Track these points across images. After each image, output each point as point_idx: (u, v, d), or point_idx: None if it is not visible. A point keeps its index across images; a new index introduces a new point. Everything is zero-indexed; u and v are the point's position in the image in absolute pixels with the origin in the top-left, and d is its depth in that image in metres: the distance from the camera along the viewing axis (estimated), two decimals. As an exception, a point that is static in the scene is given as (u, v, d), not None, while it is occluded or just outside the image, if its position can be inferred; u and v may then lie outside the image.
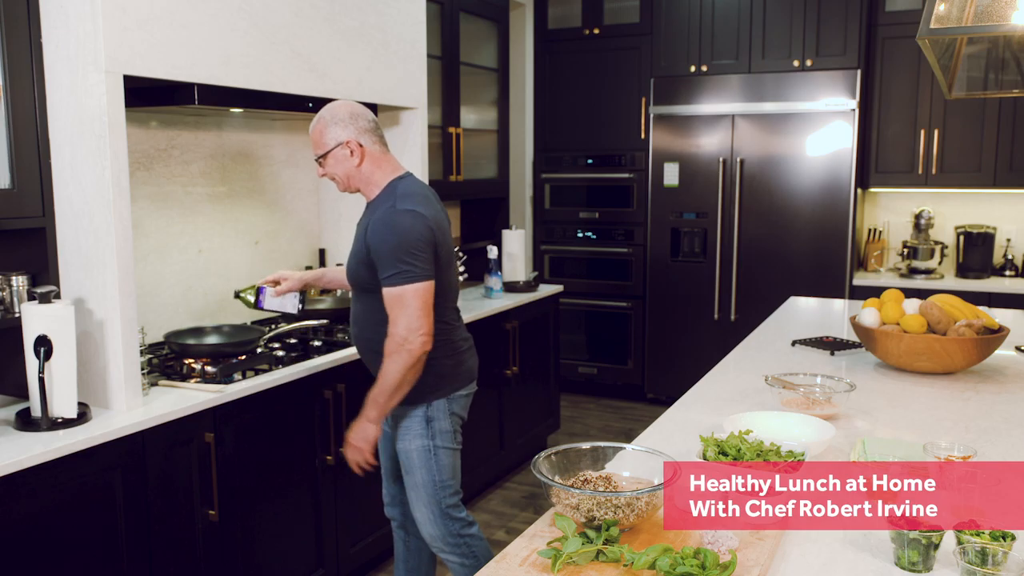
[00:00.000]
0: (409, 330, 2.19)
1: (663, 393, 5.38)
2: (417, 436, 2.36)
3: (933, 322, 2.52)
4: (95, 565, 2.14)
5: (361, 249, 2.27)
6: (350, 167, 2.29)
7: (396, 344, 2.20)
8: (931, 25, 1.78)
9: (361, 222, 2.34)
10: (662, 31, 5.17)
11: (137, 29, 2.27)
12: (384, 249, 2.19)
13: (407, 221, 2.20)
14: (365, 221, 2.31)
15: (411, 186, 2.32)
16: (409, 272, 2.18)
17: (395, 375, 2.22)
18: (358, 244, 2.30)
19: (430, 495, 2.37)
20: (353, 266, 2.33)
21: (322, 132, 2.28)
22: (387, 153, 2.36)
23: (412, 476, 2.38)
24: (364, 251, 2.25)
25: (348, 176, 2.31)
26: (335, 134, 2.28)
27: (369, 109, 3.24)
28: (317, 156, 2.31)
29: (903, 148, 4.87)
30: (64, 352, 2.15)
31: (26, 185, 2.23)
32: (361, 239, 2.28)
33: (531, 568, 1.33)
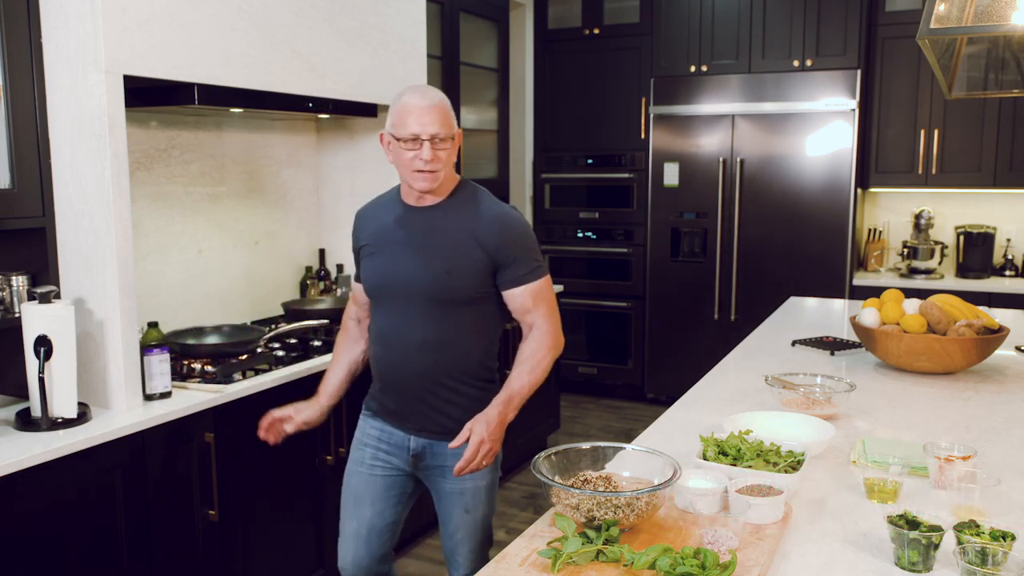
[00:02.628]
0: (558, 326, 2.04)
1: (663, 393, 5.38)
2: (491, 470, 2.10)
3: (933, 322, 2.52)
4: (95, 565, 2.14)
5: (473, 253, 1.96)
6: (450, 161, 2.00)
7: (554, 341, 2.02)
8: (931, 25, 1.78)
9: (432, 226, 2.00)
10: (662, 31, 5.17)
11: (137, 29, 2.27)
12: (523, 245, 1.99)
13: (523, 217, 2.05)
14: (453, 222, 1.99)
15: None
16: (542, 265, 2.03)
17: (544, 374, 2.01)
18: (461, 249, 1.97)
19: (484, 531, 2.13)
20: (452, 277, 1.97)
21: (448, 113, 1.96)
22: None
23: (474, 514, 2.09)
24: (481, 254, 1.96)
25: (445, 172, 1.99)
26: (456, 122, 2.00)
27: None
28: (447, 135, 1.93)
29: (903, 148, 4.87)
30: (64, 352, 2.15)
31: (26, 185, 2.23)
32: (470, 242, 1.96)
33: (531, 568, 1.33)
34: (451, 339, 2.01)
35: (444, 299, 1.99)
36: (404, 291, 2.01)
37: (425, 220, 2.02)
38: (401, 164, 1.96)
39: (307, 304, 3.41)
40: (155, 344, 2.39)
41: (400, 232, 2.04)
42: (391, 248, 2.04)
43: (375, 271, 2.06)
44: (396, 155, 1.97)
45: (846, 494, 1.64)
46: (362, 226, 2.16)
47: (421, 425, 2.06)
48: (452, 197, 2.03)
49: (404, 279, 2.01)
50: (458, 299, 1.98)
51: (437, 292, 1.98)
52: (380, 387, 2.13)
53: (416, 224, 2.03)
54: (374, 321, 2.10)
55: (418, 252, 2.00)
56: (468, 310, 2.01)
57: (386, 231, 2.06)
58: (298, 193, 3.61)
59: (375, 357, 2.11)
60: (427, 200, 2.02)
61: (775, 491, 1.49)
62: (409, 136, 1.91)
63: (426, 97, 1.94)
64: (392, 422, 2.11)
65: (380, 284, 2.05)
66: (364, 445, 2.16)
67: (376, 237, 2.08)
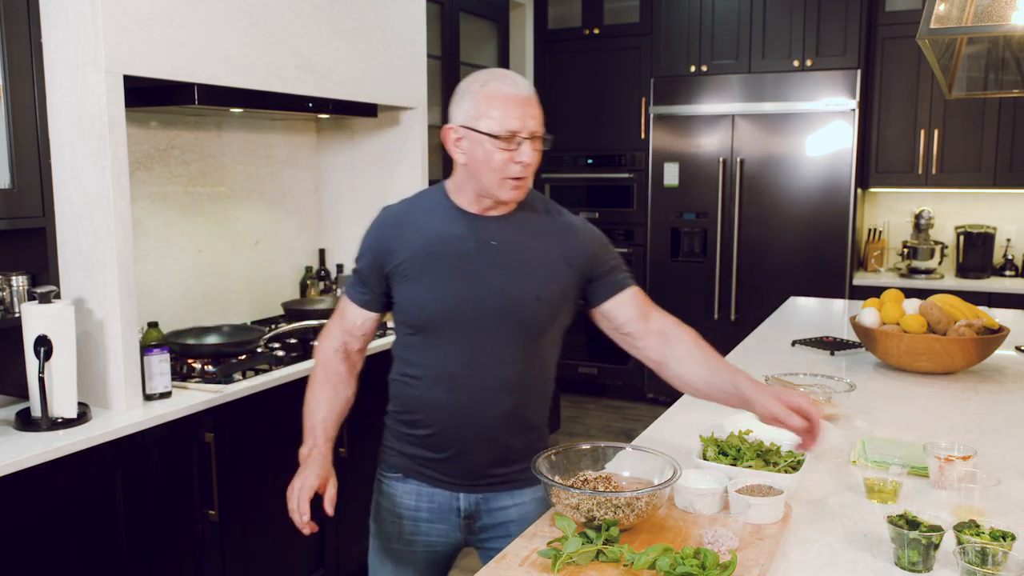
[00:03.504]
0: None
1: (663, 393, 5.38)
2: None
3: (933, 322, 2.52)
4: (95, 565, 2.14)
5: (563, 272, 1.67)
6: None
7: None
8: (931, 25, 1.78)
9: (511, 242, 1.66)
10: (662, 31, 5.17)
11: (137, 29, 2.27)
12: (611, 249, 1.75)
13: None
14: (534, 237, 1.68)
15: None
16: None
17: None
18: (551, 268, 1.66)
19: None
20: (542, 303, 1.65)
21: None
22: None
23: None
24: (573, 273, 1.68)
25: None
26: None
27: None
28: (540, 133, 1.63)
29: (903, 148, 4.87)
30: (64, 352, 2.15)
31: (26, 185, 2.23)
32: (560, 259, 1.67)
33: (531, 568, 1.33)
34: (535, 375, 1.70)
35: (531, 329, 1.65)
36: (479, 322, 1.63)
37: (500, 233, 1.66)
38: (487, 168, 1.59)
39: (307, 304, 3.41)
40: (155, 344, 2.39)
41: (465, 247, 1.64)
42: (455, 268, 1.64)
43: (433, 297, 1.64)
44: (481, 156, 1.58)
45: (846, 494, 1.64)
46: (396, 237, 1.69)
47: (474, 478, 1.71)
48: (524, 206, 1.69)
49: (483, 306, 1.62)
50: (544, 328, 1.67)
51: (524, 321, 1.64)
52: (424, 439, 1.72)
53: (488, 237, 1.65)
54: (426, 359, 1.68)
55: (498, 273, 1.63)
56: (546, 340, 1.70)
57: (442, 245, 1.65)
58: (298, 193, 3.61)
59: (429, 404, 1.68)
60: (500, 209, 1.67)
61: (775, 491, 1.49)
62: (505, 133, 1.56)
63: (520, 85, 1.60)
64: (433, 480, 1.74)
65: (443, 313, 1.63)
66: (397, 517, 1.79)
67: (425, 252, 1.65)
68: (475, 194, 1.65)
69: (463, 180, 1.66)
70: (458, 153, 1.63)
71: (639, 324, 1.73)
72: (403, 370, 1.73)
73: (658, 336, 1.74)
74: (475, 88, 1.60)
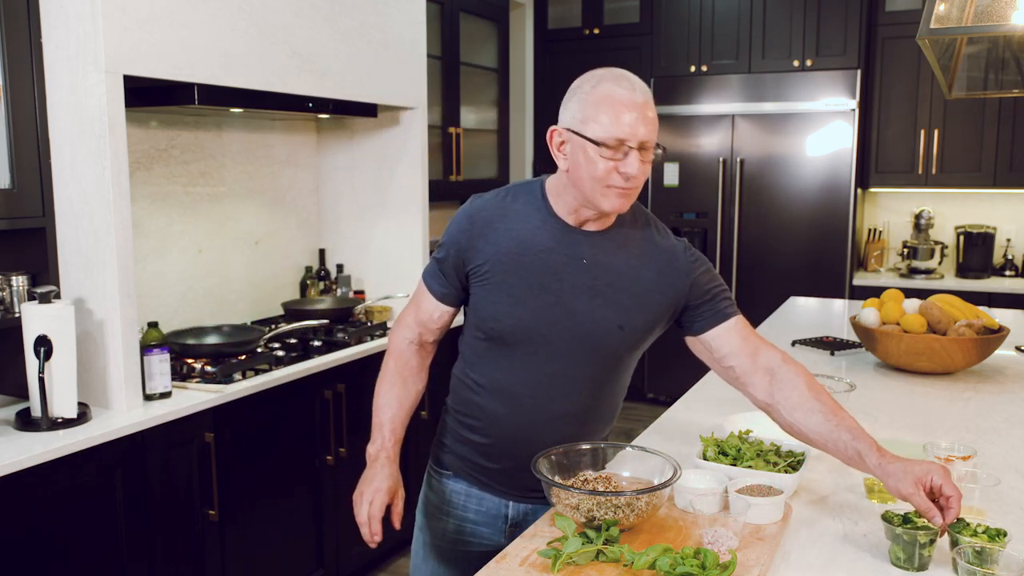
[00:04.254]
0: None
1: (663, 393, 5.38)
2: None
3: (933, 322, 2.52)
4: (95, 565, 2.14)
5: (654, 302, 1.58)
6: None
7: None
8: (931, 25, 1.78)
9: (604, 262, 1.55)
10: (662, 31, 5.17)
11: (137, 29, 2.27)
12: (714, 275, 1.65)
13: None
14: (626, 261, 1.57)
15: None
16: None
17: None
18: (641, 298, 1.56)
19: None
20: (625, 333, 1.57)
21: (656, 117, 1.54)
22: None
23: None
24: (666, 303, 1.59)
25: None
26: None
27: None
28: (651, 144, 1.51)
29: (903, 148, 4.87)
30: (64, 352, 2.15)
31: (26, 185, 2.23)
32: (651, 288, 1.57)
33: (531, 568, 1.33)
34: (602, 405, 1.63)
35: (608, 358, 1.58)
36: (553, 344, 1.55)
37: (593, 250, 1.55)
38: (589, 176, 1.46)
39: (307, 304, 3.41)
40: (155, 344, 2.39)
41: (553, 260, 1.54)
42: (538, 282, 1.54)
43: (510, 311, 1.55)
44: (583, 163, 1.47)
45: (846, 494, 1.64)
46: (482, 235, 1.57)
47: (526, 489, 1.65)
48: (622, 222, 1.58)
49: (560, 328, 1.54)
50: (621, 357, 1.60)
51: (602, 349, 1.55)
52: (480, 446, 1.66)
53: (580, 254, 1.54)
54: (492, 370, 1.60)
55: (581, 295, 1.53)
56: (622, 368, 1.63)
57: (530, 254, 1.54)
58: (298, 193, 3.61)
59: (489, 415, 1.62)
60: (600, 224, 1.56)
61: (775, 491, 1.49)
62: (613, 141, 1.44)
63: (636, 90, 1.49)
64: (484, 485, 1.69)
65: (518, 329, 1.55)
66: (445, 514, 1.72)
67: (510, 258, 1.55)
68: (575, 203, 1.53)
69: (563, 186, 1.54)
70: (560, 158, 1.52)
71: (744, 360, 1.59)
72: (467, 372, 1.65)
73: (766, 374, 1.57)
74: (586, 88, 1.50)
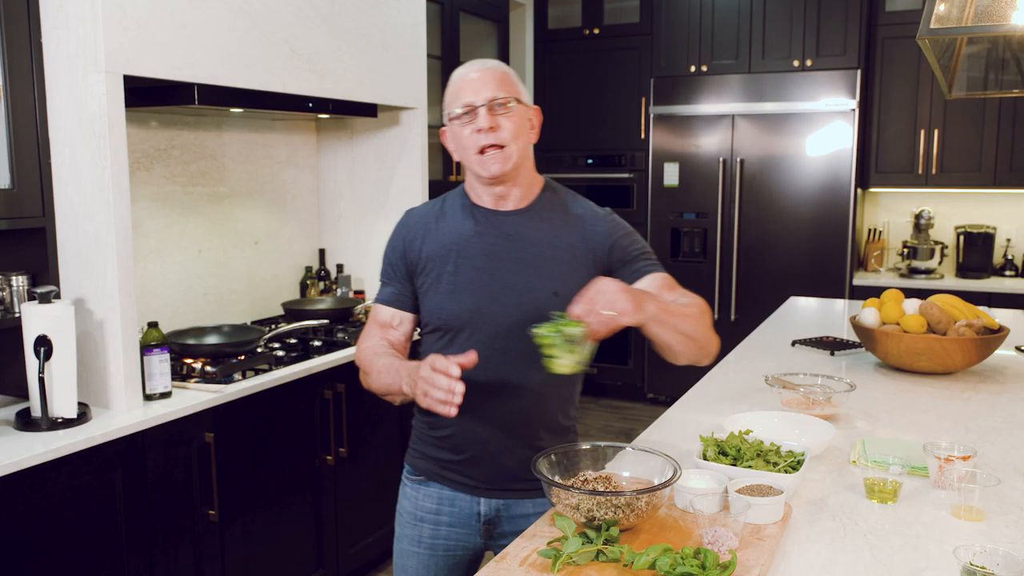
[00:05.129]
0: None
1: (663, 393, 5.38)
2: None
3: (933, 322, 2.52)
4: (95, 565, 2.14)
5: (580, 268, 1.64)
6: (526, 140, 1.65)
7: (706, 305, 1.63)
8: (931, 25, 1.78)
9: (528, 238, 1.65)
10: (662, 31, 5.17)
11: (137, 29, 2.27)
12: (635, 237, 1.69)
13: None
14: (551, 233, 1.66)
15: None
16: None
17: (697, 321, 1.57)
18: (568, 264, 1.64)
19: None
20: (561, 299, 1.58)
21: (510, 77, 1.63)
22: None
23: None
24: (592, 266, 1.65)
25: (521, 151, 1.63)
26: (526, 93, 1.66)
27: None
28: (507, 97, 1.59)
29: (903, 148, 4.87)
30: (64, 352, 2.15)
31: (26, 185, 2.23)
32: (579, 255, 1.65)
33: (531, 568, 1.33)
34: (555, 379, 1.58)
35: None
36: (496, 321, 1.62)
37: (516, 227, 1.66)
38: (462, 149, 1.61)
39: (307, 304, 3.41)
40: (155, 344, 2.39)
41: (482, 245, 1.65)
42: (473, 266, 1.64)
43: (453, 298, 1.64)
44: (456, 141, 1.62)
45: (846, 494, 1.64)
46: (418, 237, 1.69)
47: (496, 483, 1.69)
48: (539, 200, 1.70)
49: (500, 305, 1.62)
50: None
51: (543, 318, 1.54)
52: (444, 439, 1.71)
53: (503, 233, 1.65)
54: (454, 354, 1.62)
55: (515, 270, 1.63)
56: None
57: (459, 245, 1.65)
58: (298, 193, 3.61)
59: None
60: (509, 201, 1.67)
61: (775, 491, 1.49)
62: (462, 108, 1.58)
63: (478, 65, 1.63)
64: (454, 484, 1.72)
65: (462, 311, 1.63)
66: (419, 521, 1.76)
67: (445, 251, 1.66)
68: (477, 184, 1.66)
69: (467, 174, 1.67)
70: (452, 151, 1.67)
71: None
72: None
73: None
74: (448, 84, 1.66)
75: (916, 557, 1.38)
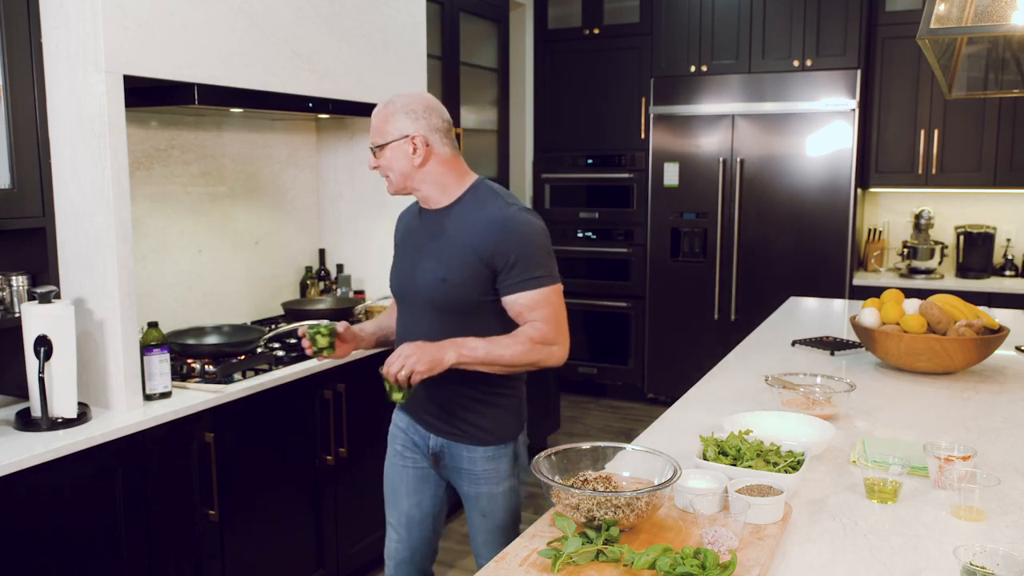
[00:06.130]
0: (559, 333, 1.91)
1: (663, 393, 5.38)
2: (506, 477, 2.05)
3: (933, 322, 2.52)
4: (95, 565, 2.14)
5: (468, 260, 1.91)
6: (408, 165, 1.95)
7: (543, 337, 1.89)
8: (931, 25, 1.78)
9: (439, 231, 1.98)
10: (662, 31, 5.17)
11: (137, 29, 2.27)
12: (524, 250, 1.89)
13: (537, 220, 1.95)
14: (456, 228, 1.95)
15: (504, 188, 2.04)
16: (552, 273, 1.93)
17: (517, 356, 1.88)
18: (458, 256, 1.92)
19: (507, 538, 2.03)
20: (446, 284, 1.93)
21: (387, 119, 1.96)
22: (459, 157, 2.02)
23: (492, 519, 2.06)
24: (477, 261, 1.90)
25: (405, 175, 1.97)
26: (402, 125, 1.94)
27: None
28: (374, 145, 1.97)
29: (903, 148, 4.87)
30: (64, 352, 2.15)
31: (26, 185, 2.23)
32: (467, 248, 1.91)
33: (531, 568, 1.33)
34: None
35: (442, 306, 1.95)
36: (412, 296, 2.02)
37: (432, 224, 2.01)
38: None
39: (307, 304, 3.41)
40: (155, 344, 2.39)
41: (415, 236, 2.06)
42: (407, 252, 2.07)
43: (396, 274, 2.10)
44: None
45: (846, 494, 1.64)
46: (397, 227, 2.19)
47: (437, 427, 2.04)
48: (460, 200, 1.98)
49: (412, 284, 2.02)
50: (456, 307, 1.94)
51: (435, 299, 1.95)
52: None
53: (425, 228, 2.03)
54: (396, 321, 2.12)
55: (423, 257, 1.99)
56: (469, 318, 1.93)
57: (407, 234, 2.10)
58: (298, 193, 3.61)
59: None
60: (432, 204, 2.01)
61: (775, 491, 1.49)
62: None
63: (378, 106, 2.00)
64: (414, 418, 2.10)
65: (396, 287, 2.09)
66: (395, 438, 2.17)
67: (401, 239, 2.13)
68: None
69: None
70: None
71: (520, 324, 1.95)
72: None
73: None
74: None
75: (916, 557, 1.38)
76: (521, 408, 2.07)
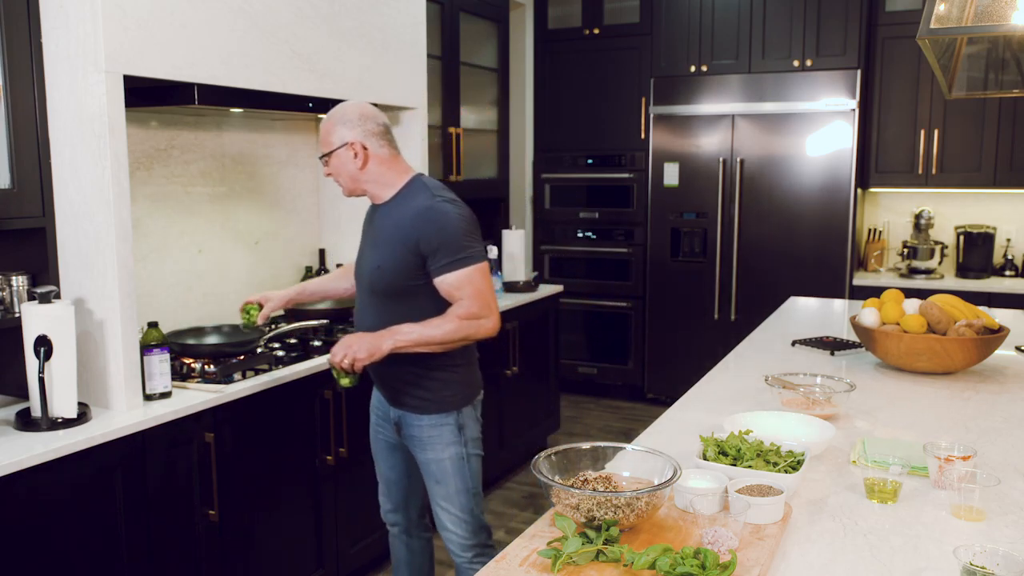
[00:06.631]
0: (484, 307, 2.13)
1: (663, 393, 5.38)
2: (451, 444, 2.28)
3: (933, 322, 2.52)
4: (95, 565, 2.14)
5: (398, 249, 2.16)
6: (353, 169, 2.22)
7: (468, 312, 2.12)
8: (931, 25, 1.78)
9: (380, 224, 2.26)
10: (662, 31, 5.17)
11: (137, 29, 2.27)
12: (445, 236, 2.12)
13: (458, 208, 2.17)
14: (391, 220, 2.22)
15: (437, 182, 2.29)
16: (474, 254, 2.14)
17: (447, 333, 2.12)
18: (390, 245, 2.19)
19: (464, 504, 2.30)
20: (380, 271, 2.21)
21: (329, 131, 2.23)
22: (398, 156, 2.28)
23: (445, 486, 2.30)
24: (404, 249, 2.15)
25: (352, 178, 2.24)
26: (341, 134, 2.21)
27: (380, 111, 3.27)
28: (321, 155, 2.25)
29: (903, 148, 4.87)
30: (64, 352, 2.15)
31: (26, 185, 2.23)
32: (396, 238, 2.17)
33: (531, 568, 1.33)
34: (393, 322, 2.18)
35: (379, 291, 2.22)
36: (359, 282, 2.32)
37: (377, 218, 2.29)
38: None
39: (307, 304, 3.41)
40: (155, 344, 2.39)
41: (367, 229, 2.35)
42: (362, 243, 2.36)
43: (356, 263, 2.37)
44: None
45: (846, 494, 1.64)
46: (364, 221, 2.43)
47: (393, 400, 2.32)
48: (397, 195, 2.25)
49: (360, 271, 2.31)
50: (391, 291, 2.20)
51: (373, 284, 2.23)
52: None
53: (373, 222, 2.31)
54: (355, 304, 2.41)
55: (367, 247, 2.29)
56: (405, 300, 2.19)
57: (364, 228, 2.38)
58: (298, 193, 3.61)
59: None
60: (378, 200, 2.29)
61: (775, 491, 1.49)
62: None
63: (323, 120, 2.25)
64: (381, 394, 2.39)
65: (355, 275, 2.37)
66: (374, 410, 2.47)
67: (362, 232, 2.39)
68: None
69: None
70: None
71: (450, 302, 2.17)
72: None
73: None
74: None
75: (916, 557, 1.38)
76: (463, 382, 2.29)
